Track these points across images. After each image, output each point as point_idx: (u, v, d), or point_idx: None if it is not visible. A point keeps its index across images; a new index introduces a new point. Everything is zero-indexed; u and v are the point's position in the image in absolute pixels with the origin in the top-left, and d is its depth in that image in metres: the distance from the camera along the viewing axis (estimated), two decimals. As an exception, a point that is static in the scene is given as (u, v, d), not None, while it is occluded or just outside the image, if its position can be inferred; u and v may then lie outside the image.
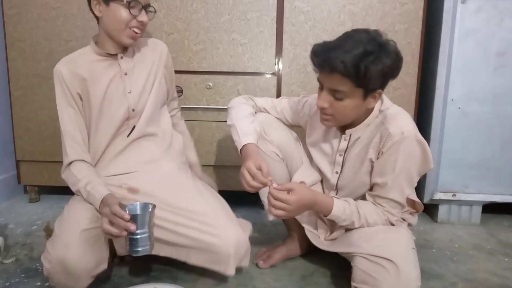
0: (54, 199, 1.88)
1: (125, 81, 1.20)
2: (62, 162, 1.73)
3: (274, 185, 1.04)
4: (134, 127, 1.23)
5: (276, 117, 1.29)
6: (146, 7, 1.15)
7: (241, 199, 1.82)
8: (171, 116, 1.36)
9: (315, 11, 1.58)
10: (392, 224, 1.11)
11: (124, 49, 1.21)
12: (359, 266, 1.02)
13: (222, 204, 1.21)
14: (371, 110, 1.10)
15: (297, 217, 1.21)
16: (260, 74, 1.64)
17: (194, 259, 1.10)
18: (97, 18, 1.17)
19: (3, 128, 1.84)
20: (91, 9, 1.16)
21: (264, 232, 1.55)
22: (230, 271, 1.07)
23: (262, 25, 1.60)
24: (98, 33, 1.20)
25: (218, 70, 1.64)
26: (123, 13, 1.11)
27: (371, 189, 1.14)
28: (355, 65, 0.95)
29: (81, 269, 1.00)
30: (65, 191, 1.89)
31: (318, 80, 1.06)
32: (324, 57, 0.98)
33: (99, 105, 1.18)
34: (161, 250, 1.13)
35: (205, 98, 1.65)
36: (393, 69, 1.00)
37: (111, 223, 0.99)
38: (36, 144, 1.74)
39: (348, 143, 1.13)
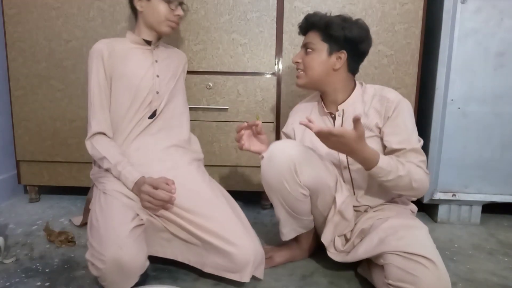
0: (55, 199, 1.88)
1: (155, 67, 1.35)
2: (62, 162, 1.75)
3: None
4: (155, 111, 1.33)
5: None
6: (181, 3, 1.33)
7: (241, 199, 1.83)
8: None
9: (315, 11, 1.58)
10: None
11: (157, 40, 1.38)
12: (394, 264, 0.99)
13: (237, 212, 1.24)
14: (350, 83, 1.25)
15: (322, 239, 1.20)
16: (260, 74, 1.65)
17: (209, 266, 1.13)
18: (134, 12, 1.35)
19: (3, 128, 1.84)
20: (131, 5, 1.34)
21: (264, 232, 1.55)
22: (246, 278, 1.09)
23: (262, 25, 1.60)
24: (136, 26, 1.36)
25: (218, 70, 1.64)
26: (162, 7, 1.30)
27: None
28: (324, 19, 1.20)
29: (136, 267, 1.03)
30: (65, 191, 1.90)
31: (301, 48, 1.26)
32: (308, 14, 1.24)
33: (126, 83, 1.29)
34: (179, 254, 1.17)
35: (205, 98, 1.65)
36: (357, 36, 1.17)
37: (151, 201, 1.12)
38: (36, 144, 1.74)
39: (343, 117, 1.24)
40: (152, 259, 1.17)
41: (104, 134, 1.28)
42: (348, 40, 1.18)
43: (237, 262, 1.09)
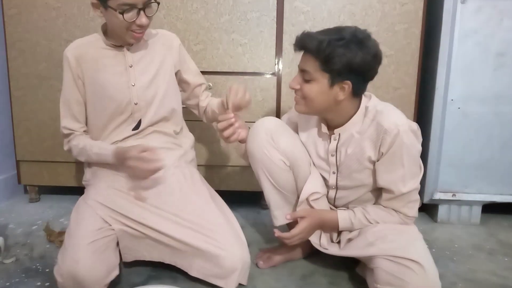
0: (54, 199, 1.88)
1: (129, 73, 1.21)
2: (62, 162, 1.75)
3: (288, 216, 1.14)
4: (140, 121, 1.24)
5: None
6: (145, 7, 1.11)
7: (241, 199, 1.83)
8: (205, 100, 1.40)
9: (315, 11, 1.58)
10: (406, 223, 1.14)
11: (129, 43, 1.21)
12: (382, 268, 1.00)
13: (228, 218, 1.20)
14: (354, 107, 1.11)
15: None
16: (260, 74, 1.65)
17: (196, 270, 1.10)
18: None
19: (3, 128, 1.84)
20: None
21: (264, 232, 1.55)
22: (231, 286, 1.07)
23: (262, 25, 1.60)
24: (107, 26, 1.20)
25: (218, 70, 1.64)
26: (120, 19, 1.10)
27: (380, 193, 1.15)
28: (323, 44, 1.00)
29: (92, 281, 1.00)
30: (65, 191, 1.90)
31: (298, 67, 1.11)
32: (304, 35, 1.05)
33: (101, 93, 1.20)
34: (166, 257, 1.14)
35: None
36: (362, 65, 1.01)
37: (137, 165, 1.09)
38: (36, 144, 1.74)
39: (338, 143, 1.15)
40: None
41: (76, 132, 1.25)
42: (353, 70, 1.02)
43: (224, 267, 1.06)
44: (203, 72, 1.63)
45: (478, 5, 1.50)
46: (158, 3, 1.16)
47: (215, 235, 1.08)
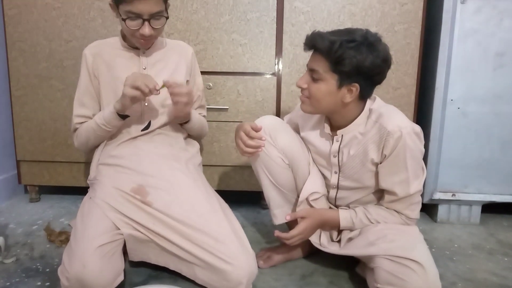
0: (55, 199, 1.88)
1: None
2: (62, 162, 1.76)
3: (287, 217, 1.15)
4: (149, 122, 1.26)
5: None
6: (151, 18, 1.14)
7: (241, 199, 1.83)
8: None
9: (315, 11, 1.58)
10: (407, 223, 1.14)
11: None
12: (383, 267, 1.00)
13: (234, 226, 1.17)
14: (358, 109, 1.12)
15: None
16: (260, 74, 1.65)
17: (202, 279, 1.09)
18: None
19: (4, 128, 1.84)
20: None
21: (264, 232, 1.55)
22: None
23: (262, 25, 1.61)
24: None
25: (218, 70, 1.65)
26: (124, 25, 1.16)
27: (381, 195, 1.15)
28: (334, 45, 0.99)
29: (100, 286, 0.99)
30: (65, 191, 1.90)
31: (307, 66, 1.10)
32: (315, 35, 1.04)
33: (113, 91, 1.23)
34: (171, 263, 1.13)
35: (205, 98, 1.65)
36: (372, 68, 1.01)
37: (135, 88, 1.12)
38: (37, 144, 1.74)
39: (340, 144, 1.15)
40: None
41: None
42: (362, 73, 1.02)
43: (231, 281, 1.04)
44: (203, 72, 1.64)
45: (478, 5, 1.51)
46: (167, 18, 1.19)
47: (222, 248, 1.06)
